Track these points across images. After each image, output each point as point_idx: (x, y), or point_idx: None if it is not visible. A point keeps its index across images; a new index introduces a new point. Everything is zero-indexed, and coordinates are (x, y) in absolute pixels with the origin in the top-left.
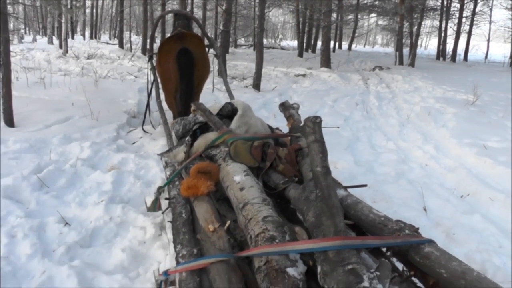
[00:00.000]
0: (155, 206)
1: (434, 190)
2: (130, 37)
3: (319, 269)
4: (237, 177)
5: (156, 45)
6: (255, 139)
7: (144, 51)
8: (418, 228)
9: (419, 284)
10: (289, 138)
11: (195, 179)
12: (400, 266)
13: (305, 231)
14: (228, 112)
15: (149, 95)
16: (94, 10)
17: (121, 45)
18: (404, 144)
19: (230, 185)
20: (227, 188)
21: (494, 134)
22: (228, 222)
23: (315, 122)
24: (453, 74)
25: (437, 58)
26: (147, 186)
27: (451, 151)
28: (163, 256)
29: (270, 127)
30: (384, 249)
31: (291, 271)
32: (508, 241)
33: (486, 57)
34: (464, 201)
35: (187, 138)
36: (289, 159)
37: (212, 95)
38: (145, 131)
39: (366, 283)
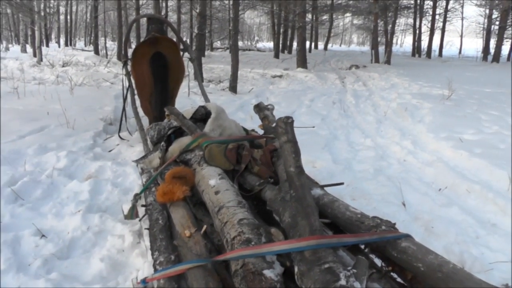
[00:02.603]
0: (132, 213)
1: (413, 184)
2: (105, 43)
3: (296, 269)
4: (212, 181)
5: (131, 51)
6: (230, 141)
7: (119, 57)
8: (394, 224)
9: (398, 280)
10: (265, 139)
11: (171, 184)
12: (378, 262)
13: (281, 232)
14: (201, 116)
15: (124, 101)
16: (68, 17)
17: (96, 51)
18: (382, 141)
19: (205, 189)
20: (203, 192)
21: (469, 127)
22: (205, 226)
23: (287, 122)
24: (428, 70)
25: (413, 55)
26: (124, 194)
27: (428, 146)
28: (142, 264)
29: (245, 129)
30: (362, 246)
31: (268, 273)
32: (484, 231)
33: (460, 52)
34: (442, 194)
35: (162, 143)
36: (264, 161)
37: (188, 99)
38: (121, 138)
39: (343, 281)
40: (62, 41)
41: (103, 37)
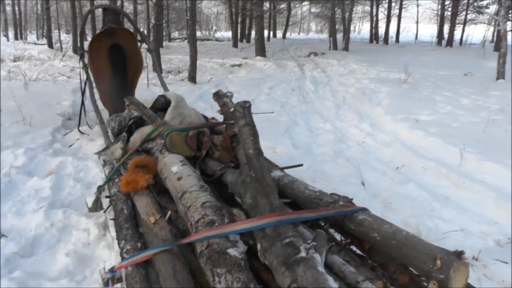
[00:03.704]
0: (96, 206)
1: (371, 164)
2: (59, 36)
3: (258, 246)
4: (174, 168)
5: (87, 43)
6: (190, 129)
7: (75, 50)
8: (352, 199)
9: (357, 252)
10: (224, 126)
11: (134, 173)
12: (338, 237)
13: (243, 212)
14: (161, 105)
15: (83, 94)
16: (16, 8)
17: (50, 45)
18: (341, 125)
19: (168, 176)
20: (166, 179)
21: (425, 108)
22: (169, 212)
23: (245, 106)
24: (386, 56)
25: (370, 41)
26: (87, 188)
27: (386, 127)
28: (109, 255)
29: (205, 117)
30: (322, 223)
31: (232, 251)
32: (438, 204)
33: (416, 38)
34: (399, 172)
35: (123, 134)
36: (225, 146)
37: (147, 90)
38: (81, 132)
39: (303, 253)
40: (11, 34)
41: (57, 30)
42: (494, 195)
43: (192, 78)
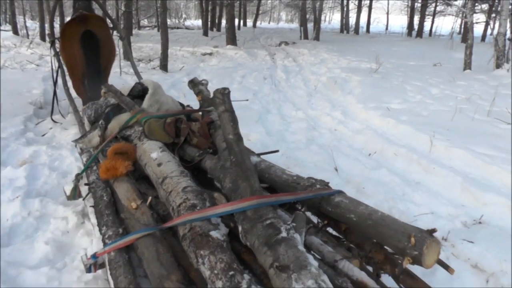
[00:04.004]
0: (75, 194)
1: (344, 151)
2: (25, 22)
3: (240, 228)
4: (153, 154)
5: (57, 29)
6: (168, 116)
7: (43, 37)
8: (328, 183)
9: (334, 233)
10: (201, 113)
11: (113, 160)
12: (314, 219)
13: (224, 197)
14: (138, 92)
15: (55, 83)
16: None
17: (15, 31)
18: (313, 113)
19: (147, 162)
20: (145, 165)
21: (396, 97)
22: (150, 198)
23: (224, 93)
24: (356, 46)
25: (341, 31)
26: (63, 177)
27: (358, 115)
28: (89, 243)
29: (181, 104)
30: (299, 206)
31: (214, 234)
32: (410, 189)
33: (386, 28)
34: (371, 158)
35: (101, 121)
36: (202, 133)
37: (120, 79)
38: (54, 121)
39: (284, 234)
40: None
41: (22, 16)
42: (461, 180)
43: (164, 67)
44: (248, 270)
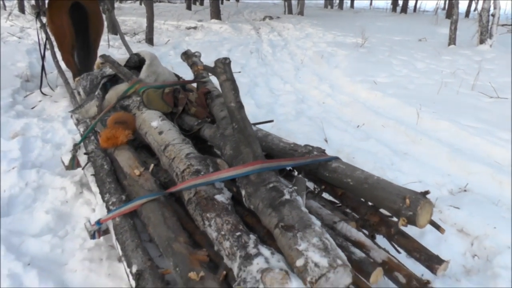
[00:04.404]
0: (73, 164)
1: (333, 123)
2: None
3: (243, 192)
4: (154, 123)
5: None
6: (165, 86)
7: (22, 8)
8: (324, 150)
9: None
10: (195, 84)
11: (113, 129)
12: (310, 186)
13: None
14: (135, 63)
15: (43, 56)
16: None
17: None
18: (301, 86)
19: (148, 131)
20: (146, 134)
21: (382, 71)
22: (152, 165)
23: (225, 63)
24: (341, 21)
25: (325, 6)
26: (57, 149)
27: (345, 89)
28: (88, 212)
29: (176, 75)
30: (296, 173)
31: (219, 197)
32: (398, 159)
33: (370, 4)
34: (360, 130)
35: (98, 92)
36: (200, 102)
37: (107, 52)
38: (44, 94)
39: (287, 196)
40: None
41: None
42: (448, 150)
43: (150, 40)
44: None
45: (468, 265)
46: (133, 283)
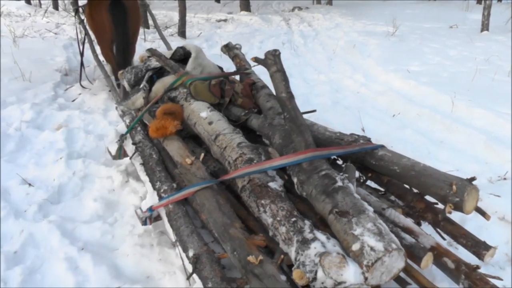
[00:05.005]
0: (120, 153)
1: (369, 113)
2: None
3: (295, 180)
4: (203, 113)
5: None
6: (211, 78)
7: (56, 6)
8: (370, 138)
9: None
10: (238, 76)
11: (162, 120)
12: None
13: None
14: (180, 56)
15: (81, 50)
16: None
17: (27, 1)
18: (335, 76)
19: (197, 121)
20: (195, 124)
21: (415, 59)
22: (202, 154)
23: (275, 54)
24: (370, 9)
25: None
26: (100, 139)
27: (379, 78)
28: (135, 200)
29: (219, 67)
30: (340, 162)
31: (272, 185)
32: (435, 147)
33: None
34: (396, 119)
35: (144, 84)
36: (245, 93)
37: (139, 46)
38: (83, 87)
39: (339, 183)
40: None
41: None
42: (485, 138)
43: (182, 33)
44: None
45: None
46: (189, 267)
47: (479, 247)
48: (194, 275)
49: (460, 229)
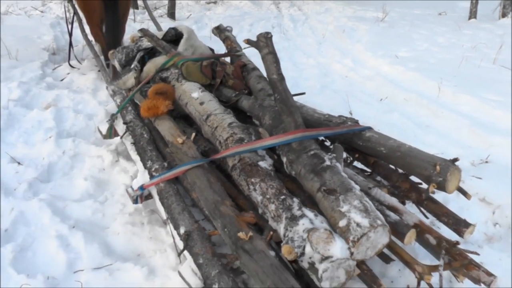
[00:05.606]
0: (110, 133)
1: (357, 96)
2: None
3: (284, 159)
4: (194, 94)
5: None
6: (203, 59)
7: None
8: (358, 120)
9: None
10: (229, 57)
11: (154, 100)
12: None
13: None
14: (171, 37)
15: (70, 29)
16: None
17: None
18: (324, 60)
19: (189, 102)
20: (186, 104)
21: (403, 45)
22: (194, 133)
23: (267, 37)
24: None
25: None
26: (89, 119)
27: (367, 63)
28: (126, 179)
29: (211, 49)
30: (328, 143)
31: (262, 164)
32: (420, 131)
33: None
34: (383, 103)
35: (136, 64)
36: (236, 75)
37: (129, 26)
38: (72, 66)
39: (328, 162)
40: None
41: None
42: (469, 123)
43: (171, 15)
44: None
45: (490, 233)
46: (181, 244)
47: (459, 225)
48: (185, 252)
49: (442, 207)
